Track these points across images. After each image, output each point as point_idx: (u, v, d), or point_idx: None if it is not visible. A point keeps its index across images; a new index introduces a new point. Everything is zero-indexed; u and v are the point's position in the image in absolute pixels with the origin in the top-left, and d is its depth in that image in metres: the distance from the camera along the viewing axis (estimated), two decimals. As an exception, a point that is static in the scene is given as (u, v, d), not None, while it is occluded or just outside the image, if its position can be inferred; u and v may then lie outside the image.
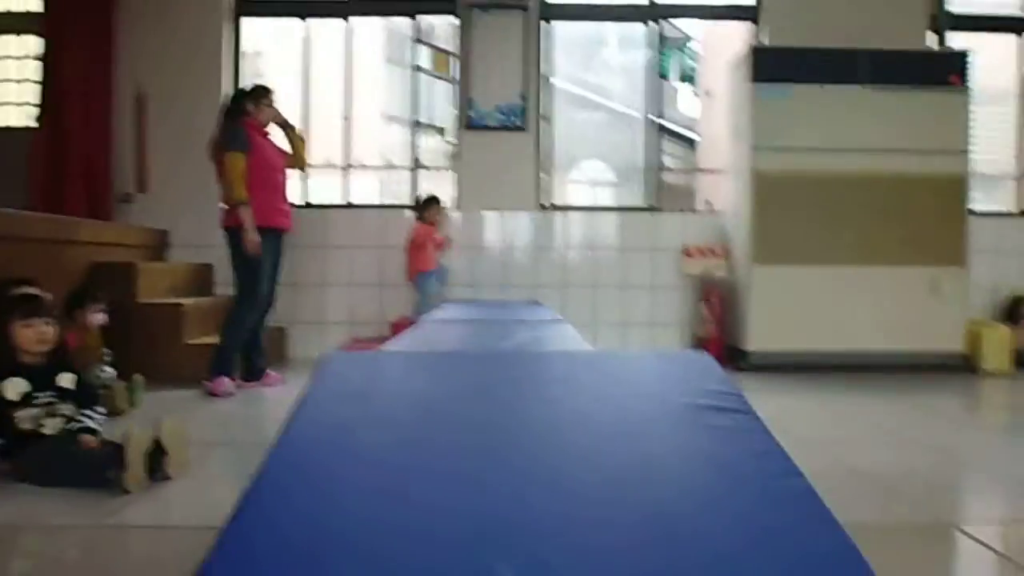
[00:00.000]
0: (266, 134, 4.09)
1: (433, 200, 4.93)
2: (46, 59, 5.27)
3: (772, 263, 4.83)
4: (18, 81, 5.97)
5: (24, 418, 2.36)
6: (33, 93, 5.53)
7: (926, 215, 4.84)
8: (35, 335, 2.43)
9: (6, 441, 2.34)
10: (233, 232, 3.88)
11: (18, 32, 5.93)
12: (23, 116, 5.92)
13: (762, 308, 4.85)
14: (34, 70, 5.77)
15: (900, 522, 2.08)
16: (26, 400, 2.38)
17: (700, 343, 5.24)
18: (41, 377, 2.43)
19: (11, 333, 2.41)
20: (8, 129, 5.82)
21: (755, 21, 5.57)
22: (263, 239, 3.89)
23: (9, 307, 2.46)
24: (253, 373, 4.12)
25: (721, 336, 5.17)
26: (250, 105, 4.02)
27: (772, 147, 4.82)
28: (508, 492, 1.26)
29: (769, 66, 4.85)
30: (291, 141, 4.24)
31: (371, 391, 1.62)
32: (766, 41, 5.38)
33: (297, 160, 4.28)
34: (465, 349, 2.18)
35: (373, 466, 1.34)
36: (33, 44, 5.87)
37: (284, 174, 4.15)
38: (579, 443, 1.48)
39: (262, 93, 4.08)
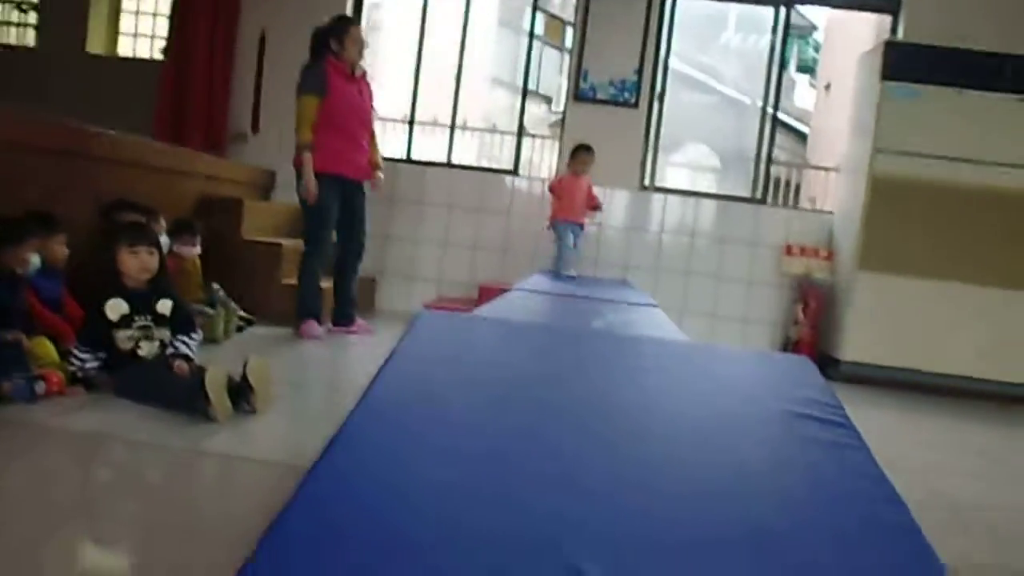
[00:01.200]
0: (350, 76, 3.87)
1: (579, 148, 4.74)
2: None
3: (879, 271, 4.58)
4: (152, 15, 6.22)
5: (123, 338, 2.47)
6: (164, 27, 5.75)
7: (1055, 239, 4.48)
8: (139, 263, 2.54)
9: (108, 356, 2.46)
10: (297, 174, 3.82)
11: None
12: (154, 49, 6.18)
13: (862, 317, 4.62)
14: (166, 4, 6.00)
15: (1003, 567, 1.94)
16: (125, 321, 2.48)
17: (792, 345, 5.05)
18: (141, 301, 2.53)
19: (117, 258, 2.51)
20: (139, 60, 6.08)
21: (894, 14, 5.24)
22: (325, 185, 3.77)
23: (117, 233, 2.56)
24: (340, 319, 4.10)
25: (814, 341, 4.96)
26: (333, 43, 3.82)
27: (895, 150, 4.54)
28: (594, 488, 1.21)
29: (903, 64, 4.55)
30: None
31: (461, 355, 1.61)
32: (901, 36, 5.06)
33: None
34: (555, 323, 2.14)
35: (457, 433, 1.32)
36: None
37: (363, 123, 3.95)
38: (670, 440, 1.43)
39: (344, 28, 3.85)
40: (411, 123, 5.67)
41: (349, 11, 5.50)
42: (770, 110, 5.46)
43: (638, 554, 1.02)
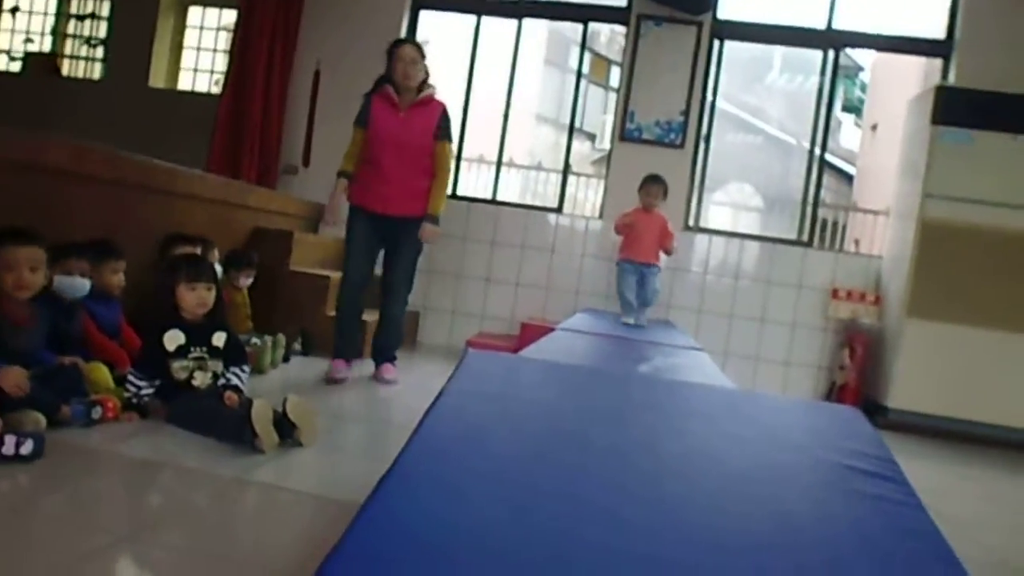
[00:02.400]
0: (398, 106, 3.62)
1: (647, 179, 4.32)
2: (236, 31, 5.66)
3: (929, 318, 4.49)
4: (212, 50, 6.46)
5: (178, 368, 2.54)
6: (222, 62, 5.97)
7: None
8: (196, 299, 2.62)
9: (162, 384, 2.53)
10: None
11: (218, 6, 6.41)
12: (212, 83, 6.41)
13: (911, 364, 4.52)
14: (225, 41, 6.22)
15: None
16: (181, 352, 2.56)
17: (837, 390, 4.96)
18: (197, 333, 2.60)
19: (176, 292, 2.60)
20: (197, 94, 6.31)
21: (944, 57, 5.20)
22: (353, 217, 3.70)
23: (177, 268, 2.65)
24: (374, 359, 3.86)
25: (860, 387, 4.87)
26: (387, 64, 3.67)
27: (946, 195, 4.47)
28: (635, 527, 1.22)
29: (955, 108, 4.50)
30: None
31: (508, 395, 1.63)
32: (952, 80, 5.01)
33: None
34: (600, 365, 2.15)
35: (504, 473, 1.34)
36: (227, 16, 6.34)
37: (402, 157, 3.63)
38: (714, 486, 1.42)
39: (391, 49, 3.66)
40: (458, 160, 5.76)
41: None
42: (818, 152, 5.42)
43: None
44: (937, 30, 5.23)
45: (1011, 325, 4.41)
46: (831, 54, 5.36)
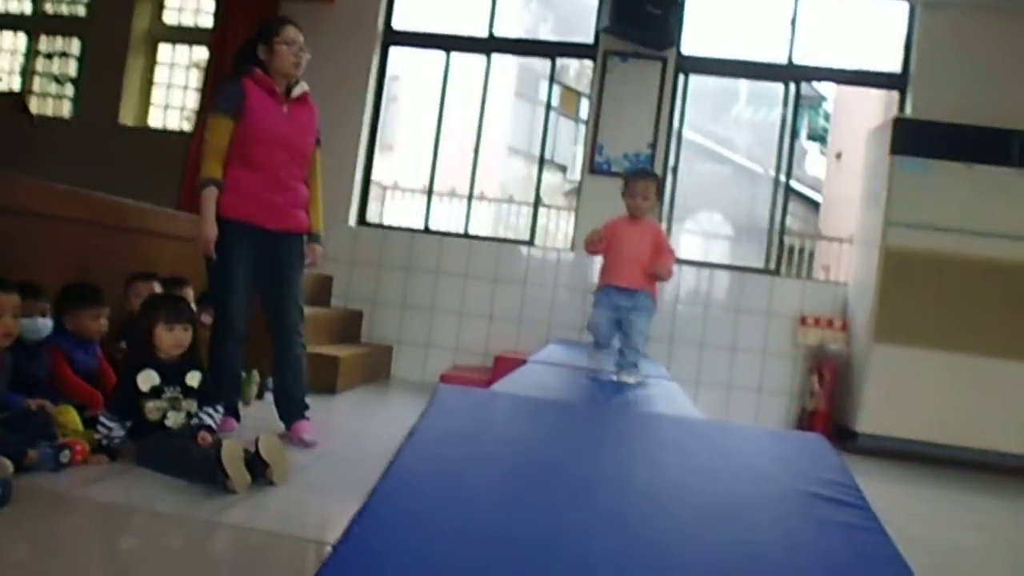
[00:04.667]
0: (280, 95, 3.00)
1: (636, 175, 3.06)
2: (208, 69, 5.69)
3: (894, 343, 4.59)
4: (183, 87, 6.48)
5: (152, 408, 2.52)
6: (193, 99, 5.98)
7: (1074, 312, 4.48)
8: (174, 339, 2.61)
9: (134, 426, 2.50)
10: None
11: (188, 43, 6.44)
12: (183, 121, 6.41)
13: (878, 389, 4.61)
14: (197, 78, 6.25)
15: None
16: (155, 392, 2.54)
17: (808, 416, 5.03)
18: (171, 373, 2.59)
19: (153, 332, 2.59)
20: (168, 132, 6.31)
21: (900, 89, 5.37)
22: (231, 236, 2.91)
23: (155, 308, 2.64)
24: (284, 418, 3.15)
25: (830, 412, 4.94)
26: (261, 50, 2.98)
27: (907, 223, 4.60)
28: (607, 558, 1.25)
29: (912, 139, 4.66)
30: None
31: (479, 432, 1.65)
32: (909, 111, 5.17)
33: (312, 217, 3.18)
34: (570, 397, 2.17)
35: (477, 509, 1.35)
36: (197, 53, 6.37)
37: (294, 158, 3.04)
38: (684, 517, 1.45)
39: (273, 29, 2.99)
40: (429, 193, 5.81)
41: (371, 83, 5.70)
42: (783, 181, 5.55)
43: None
44: (894, 63, 5.41)
45: (974, 348, 4.52)
46: (792, 87, 5.51)
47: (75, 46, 6.54)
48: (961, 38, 5.12)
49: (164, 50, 6.50)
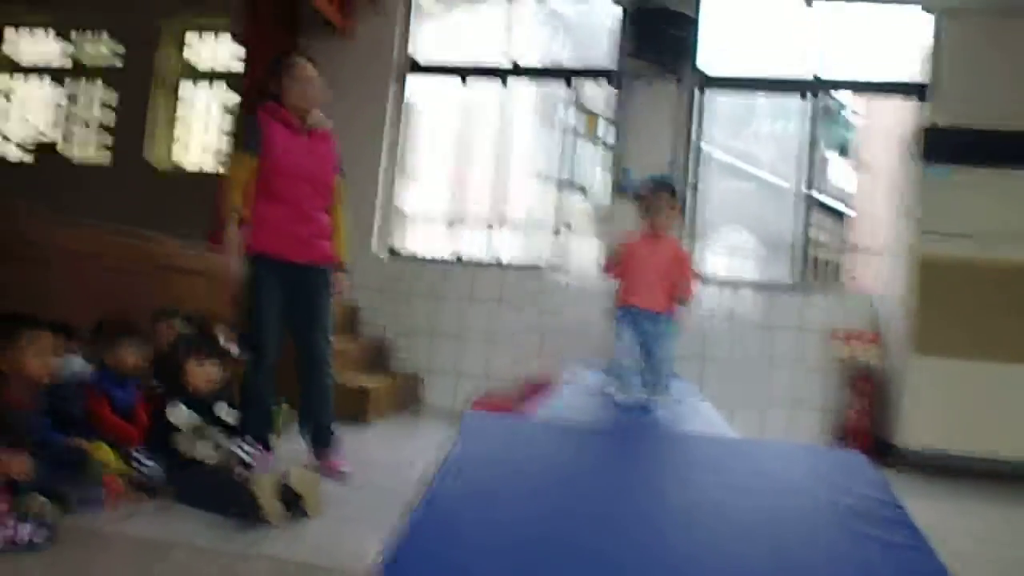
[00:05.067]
0: (298, 128, 3.03)
1: (656, 187, 2.86)
2: (240, 111, 5.81)
3: (933, 354, 4.49)
4: (214, 130, 6.63)
5: (185, 443, 2.55)
6: (224, 141, 6.11)
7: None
8: (204, 375, 2.65)
9: (168, 462, 2.53)
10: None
11: (216, 84, 6.60)
12: (214, 162, 6.56)
13: (918, 401, 4.51)
14: (227, 120, 6.39)
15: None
16: (188, 427, 2.57)
17: (845, 432, 4.93)
18: (204, 408, 2.62)
19: (185, 368, 2.62)
20: (202, 174, 6.44)
21: (922, 98, 5.31)
22: (261, 271, 2.96)
23: (187, 345, 2.68)
24: (314, 449, 3.17)
25: (869, 427, 4.84)
26: (273, 85, 3.02)
27: (941, 231, 4.53)
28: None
29: (941, 147, 4.60)
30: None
31: (511, 458, 1.64)
32: (934, 119, 5.11)
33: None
34: (602, 421, 2.16)
35: (512, 536, 1.34)
36: (228, 96, 6.52)
37: (317, 190, 3.08)
38: (720, 536, 1.42)
39: (285, 64, 3.03)
40: (454, 221, 5.84)
41: (389, 113, 5.77)
42: (806, 195, 5.50)
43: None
44: (913, 72, 5.35)
45: (1016, 356, 4.41)
46: (812, 99, 5.48)
47: (110, 95, 6.73)
48: (982, 44, 5.06)
49: (195, 92, 6.66)
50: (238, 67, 5.91)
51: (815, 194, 5.69)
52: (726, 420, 2.88)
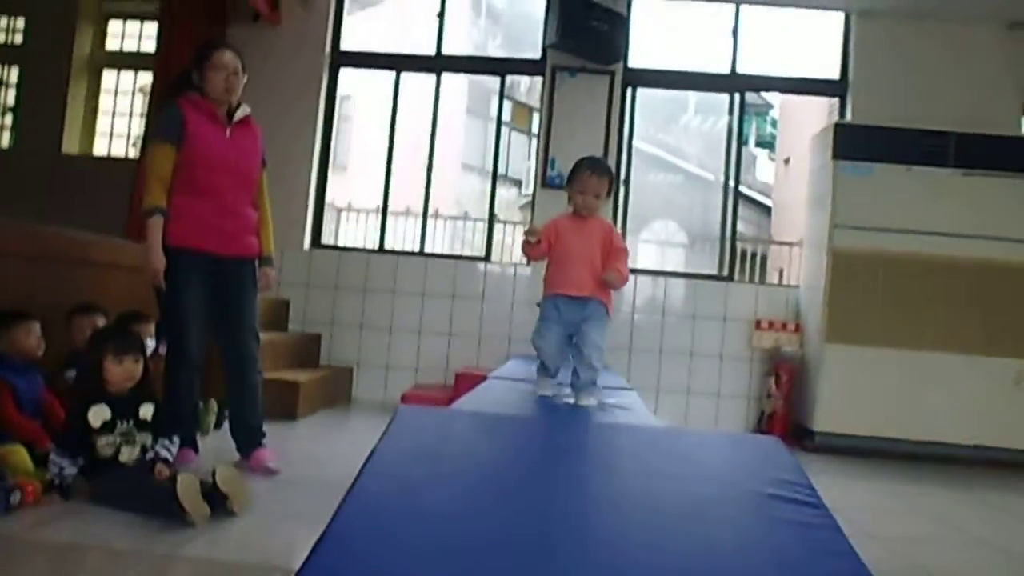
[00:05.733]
0: (219, 119, 2.96)
1: (584, 166, 2.64)
2: (152, 94, 5.61)
3: (846, 342, 4.72)
4: (128, 115, 6.38)
5: (104, 444, 2.47)
6: (139, 126, 5.88)
7: (1013, 304, 4.66)
8: (124, 372, 2.55)
9: (86, 463, 2.45)
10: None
11: (133, 69, 6.35)
12: (130, 147, 6.31)
13: (832, 388, 4.72)
14: (142, 105, 6.16)
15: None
16: (107, 427, 2.48)
17: (766, 419, 5.11)
18: (123, 406, 2.53)
19: (103, 365, 2.53)
20: (114, 160, 6.20)
21: (840, 96, 5.54)
22: (183, 266, 2.86)
23: (104, 341, 2.59)
24: (240, 448, 3.09)
25: (788, 413, 5.03)
26: (195, 76, 2.95)
27: (853, 225, 4.74)
28: (568, 566, 1.26)
29: (853, 143, 4.80)
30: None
31: (439, 450, 1.65)
32: (849, 117, 5.34)
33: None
34: (531, 412, 2.19)
35: (438, 527, 1.36)
36: (143, 80, 6.29)
37: (241, 183, 3.01)
38: (643, 522, 1.47)
39: (204, 54, 2.94)
40: (384, 212, 5.80)
41: (321, 104, 5.69)
42: (732, 188, 5.67)
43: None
44: (833, 71, 5.57)
45: (921, 344, 4.66)
46: (736, 96, 5.64)
47: (14, 74, 6.40)
48: (896, 44, 5.31)
49: (108, 76, 6.40)
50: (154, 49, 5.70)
51: (742, 188, 5.86)
52: (652, 409, 2.97)
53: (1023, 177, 4.71)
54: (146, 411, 2.58)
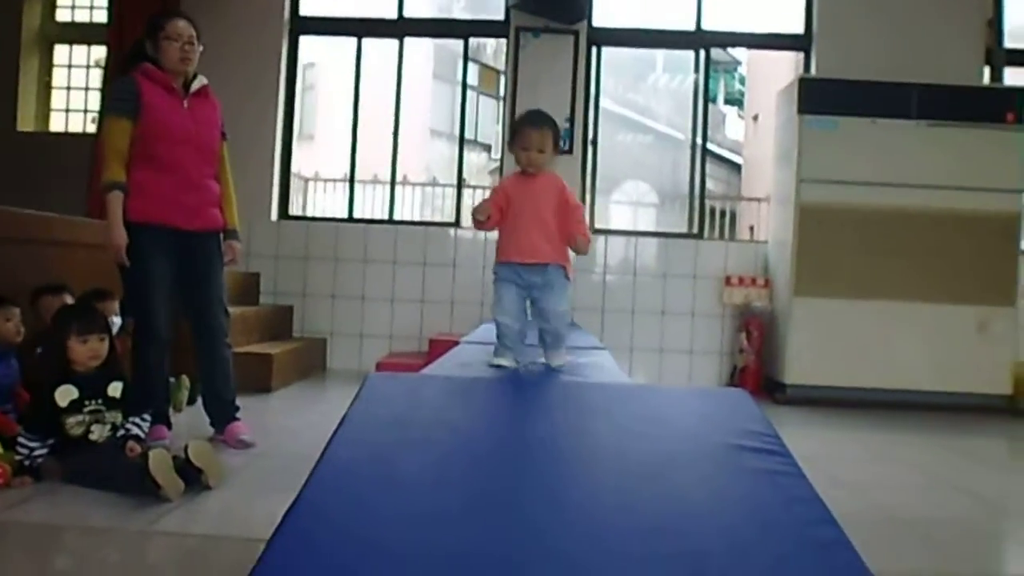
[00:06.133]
0: (176, 90, 2.90)
1: (526, 121, 2.30)
2: (107, 67, 5.47)
3: (814, 295, 4.78)
4: (84, 89, 6.20)
5: (73, 424, 2.44)
6: (96, 101, 5.73)
7: (976, 253, 4.74)
8: (88, 351, 2.52)
9: (57, 443, 2.43)
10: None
11: (86, 42, 6.16)
12: (88, 123, 6.15)
13: (802, 341, 4.80)
14: (97, 78, 5.99)
15: (935, 572, 2.04)
16: (75, 407, 2.46)
17: (739, 373, 5.19)
18: (91, 385, 2.51)
19: (67, 346, 2.50)
20: (72, 135, 6.04)
21: (805, 51, 5.54)
22: (145, 240, 2.81)
23: (67, 321, 2.55)
24: (213, 423, 3.10)
25: (759, 367, 5.12)
26: (149, 47, 2.88)
27: (819, 179, 4.77)
28: (541, 527, 1.28)
29: (818, 98, 4.82)
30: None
31: (410, 416, 1.65)
32: (814, 71, 5.35)
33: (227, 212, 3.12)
34: (501, 375, 2.20)
35: (410, 492, 1.37)
36: (97, 53, 6.11)
37: (202, 155, 2.96)
38: (613, 478, 1.49)
39: (158, 24, 2.88)
40: (351, 181, 5.74)
41: (283, 73, 5.59)
42: (700, 146, 5.68)
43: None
44: (798, 25, 5.57)
45: (888, 294, 4.75)
46: (702, 53, 5.62)
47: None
48: (858, -3, 5.31)
49: (61, 51, 6.21)
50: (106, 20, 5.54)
51: (711, 146, 5.87)
52: (626, 368, 3.00)
53: (985, 127, 4.76)
54: (115, 389, 2.56)
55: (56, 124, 6.18)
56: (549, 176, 2.31)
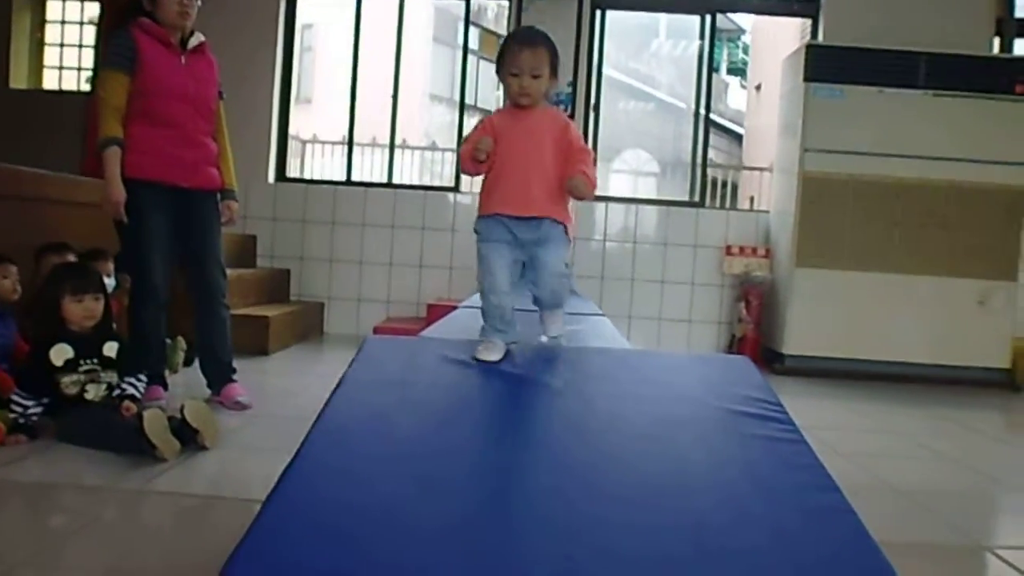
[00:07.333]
0: (174, 46, 2.84)
1: (515, 41, 1.82)
2: (101, 24, 5.36)
3: (815, 266, 4.75)
4: (78, 46, 6.10)
5: (68, 383, 2.42)
6: (89, 58, 5.64)
7: (980, 227, 4.71)
8: (83, 310, 2.49)
9: (52, 402, 2.41)
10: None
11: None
12: (82, 81, 6.06)
13: (802, 311, 4.78)
14: (92, 35, 5.89)
15: (933, 543, 2.04)
16: (70, 366, 2.44)
17: (737, 343, 5.18)
18: (86, 345, 2.48)
19: (61, 305, 2.47)
20: (66, 93, 5.95)
21: (813, 17, 5.44)
22: (142, 197, 2.76)
23: (61, 279, 2.51)
24: (211, 385, 3.06)
25: (758, 337, 5.10)
26: (145, 1, 2.83)
27: (823, 149, 4.72)
28: (541, 490, 1.27)
29: (825, 65, 4.74)
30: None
31: (408, 378, 1.63)
32: (821, 39, 5.26)
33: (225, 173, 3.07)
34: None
35: (407, 454, 1.35)
36: (90, 9, 5.99)
37: (200, 111, 2.90)
38: (614, 444, 1.47)
39: None
40: (350, 144, 5.67)
41: (280, 33, 5.48)
42: (703, 115, 5.60)
43: (589, 555, 1.07)
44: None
45: (890, 267, 4.72)
46: (708, 18, 5.52)
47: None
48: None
49: (54, 8, 6.09)
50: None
51: (713, 116, 5.80)
52: (624, 335, 2.98)
53: (993, 98, 4.69)
54: (110, 349, 2.54)
55: (49, 82, 6.09)
56: (548, 111, 1.88)
